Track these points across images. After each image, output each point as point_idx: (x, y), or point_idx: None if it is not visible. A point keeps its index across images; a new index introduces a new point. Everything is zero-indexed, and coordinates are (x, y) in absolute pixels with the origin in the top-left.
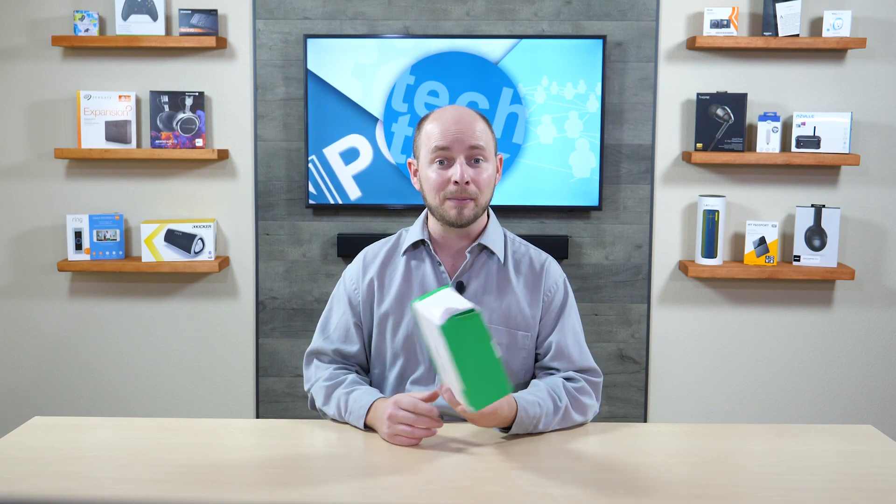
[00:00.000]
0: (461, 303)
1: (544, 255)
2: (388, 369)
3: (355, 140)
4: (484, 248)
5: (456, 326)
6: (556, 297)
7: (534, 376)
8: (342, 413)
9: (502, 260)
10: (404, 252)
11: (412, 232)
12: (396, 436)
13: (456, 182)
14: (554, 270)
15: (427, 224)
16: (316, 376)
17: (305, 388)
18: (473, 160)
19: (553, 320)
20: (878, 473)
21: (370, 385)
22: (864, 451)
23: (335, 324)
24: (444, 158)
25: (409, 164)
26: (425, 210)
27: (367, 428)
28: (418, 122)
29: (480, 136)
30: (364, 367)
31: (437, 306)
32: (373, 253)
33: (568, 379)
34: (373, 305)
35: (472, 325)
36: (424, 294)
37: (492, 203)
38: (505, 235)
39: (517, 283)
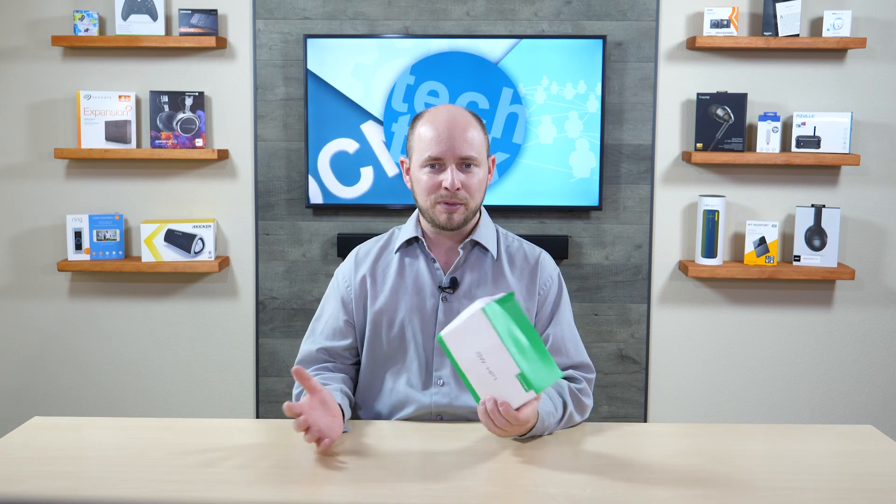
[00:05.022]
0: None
1: (538, 249)
2: (381, 367)
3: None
4: (477, 244)
5: (498, 309)
6: (551, 291)
7: None
8: None
9: (495, 255)
10: (397, 249)
11: (405, 229)
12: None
13: (447, 188)
14: (548, 264)
15: (420, 222)
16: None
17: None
18: (465, 165)
19: (549, 314)
20: (878, 473)
21: (354, 385)
22: (864, 451)
23: (324, 323)
24: (435, 164)
25: (402, 161)
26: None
27: None
28: (412, 121)
29: (472, 145)
30: (353, 362)
31: (465, 313)
32: (365, 251)
33: (570, 379)
34: (366, 303)
35: (511, 306)
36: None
37: (491, 203)
38: (497, 231)
39: (512, 278)
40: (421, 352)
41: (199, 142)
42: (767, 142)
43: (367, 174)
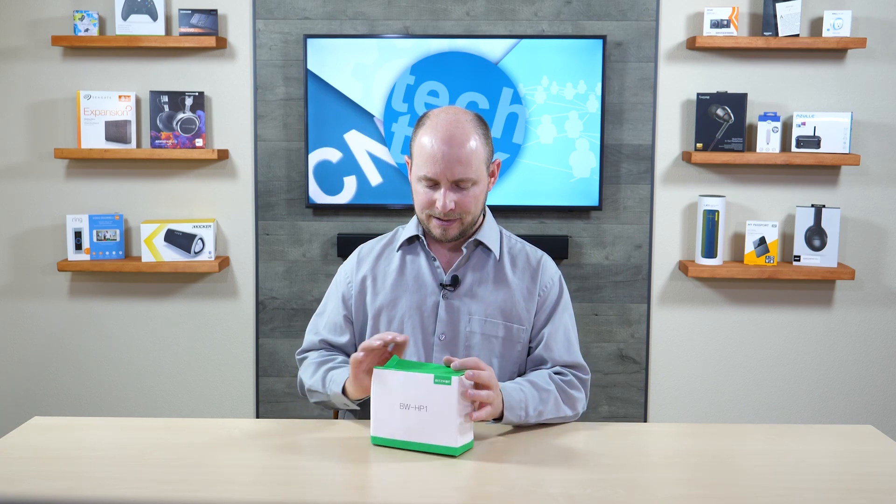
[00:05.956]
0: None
1: (540, 252)
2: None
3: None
4: (480, 243)
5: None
6: (551, 293)
7: (522, 374)
8: (324, 383)
9: (498, 256)
10: (399, 247)
11: (408, 228)
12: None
13: (438, 208)
14: (549, 267)
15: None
16: (306, 360)
17: (298, 380)
18: (459, 185)
19: (547, 315)
20: (878, 473)
21: None
22: (864, 451)
23: (326, 318)
24: (430, 182)
25: (407, 161)
26: None
27: (348, 397)
28: (417, 121)
29: (469, 164)
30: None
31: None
32: (368, 249)
33: (556, 373)
34: (366, 300)
35: (394, 362)
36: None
37: (491, 203)
38: (500, 233)
39: (513, 278)
40: (420, 348)
41: (199, 142)
42: (767, 142)
43: (350, 183)
